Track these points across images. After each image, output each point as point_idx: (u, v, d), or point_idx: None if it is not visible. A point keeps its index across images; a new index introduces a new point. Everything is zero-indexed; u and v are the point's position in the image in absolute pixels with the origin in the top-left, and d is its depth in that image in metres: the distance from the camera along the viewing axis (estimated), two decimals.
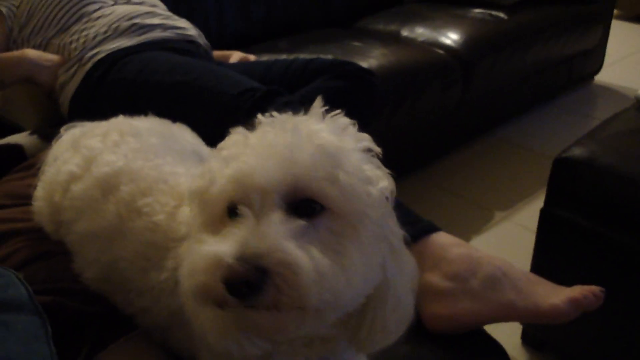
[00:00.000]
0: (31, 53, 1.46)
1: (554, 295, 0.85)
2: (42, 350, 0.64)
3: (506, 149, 2.52)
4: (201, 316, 0.58)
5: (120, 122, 0.92)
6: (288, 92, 1.29)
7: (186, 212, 0.71)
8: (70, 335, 0.77)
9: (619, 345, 1.31)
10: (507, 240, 1.95)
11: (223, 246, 0.50)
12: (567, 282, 0.88)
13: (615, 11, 3.00)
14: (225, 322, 0.55)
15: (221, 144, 0.60)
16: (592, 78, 3.05)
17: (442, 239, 0.93)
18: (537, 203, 2.10)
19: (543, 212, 1.32)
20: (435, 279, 0.89)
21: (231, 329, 0.55)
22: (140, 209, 0.75)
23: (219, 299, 0.50)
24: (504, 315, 0.85)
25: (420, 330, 0.89)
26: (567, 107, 2.85)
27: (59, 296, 0.80)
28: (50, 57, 1.47)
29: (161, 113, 0.97)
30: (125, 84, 1.36)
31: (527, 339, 1.54)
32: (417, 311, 0.81)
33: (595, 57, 2.94)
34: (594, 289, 0.85)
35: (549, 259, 1.33)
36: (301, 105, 0.63)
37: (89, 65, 1.41)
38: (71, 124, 1.00)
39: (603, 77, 3.05)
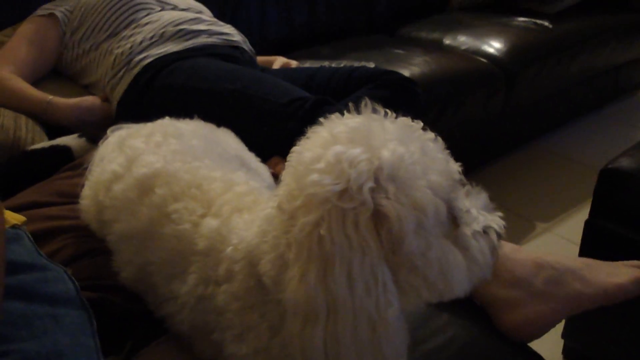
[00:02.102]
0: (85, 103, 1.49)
1: (616, 276, 0.88)
2: (87, 343, 0.65)
3: (549, 159, 2.47)
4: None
5: (165, 124, 0.94)
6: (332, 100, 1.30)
7: (212, 224, 0.71)
8: (115, 330, 0.79)
9: None
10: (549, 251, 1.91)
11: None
12: None
13: None
14: None
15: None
16: (639, 88, 2.97)
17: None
18: (580, 215, 2.06)
19: (588, 224, 1.29)
20: (499, 290, 0.89)
21: None
22: (169, 214, 0.75)
23: None
24: (576, 306, 0.87)
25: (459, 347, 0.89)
26: (613, 117, 2.78)
27: (103, 292, 0.82)
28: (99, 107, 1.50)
29: (209, 120, 0.99)
30: (173, 90, 1.39)
31: (569, 353, 1.50)
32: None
33: None
34: None
35: None
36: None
37: (137, 69, 1.44)
38: (118, 126, 1.02)
39: None
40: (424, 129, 0.64)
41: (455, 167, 0.62)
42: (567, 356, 1.50)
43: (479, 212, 0.65)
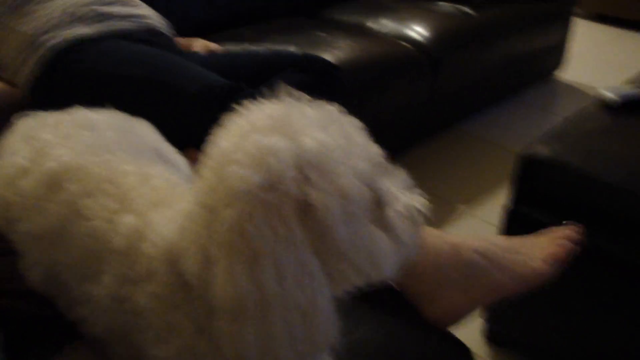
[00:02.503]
0: None
1: (533, 258, 0.88)
2: None
3: (470, 143, 2.55)
4: None
5: (76, 114, 0.88)
6: (252, 85, 1.26)
7: (128, 220, 0.67)
8: (22, 338, 0.74)
9: (580, 340, 1.33)
10: (469, 234, 1.96)
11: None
12: None
13: (577, 9, 3.05)
14: None
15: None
16: (553, 74, 3.10)
17: None
18: (499, 198, 2.13)
19: (508, 211, 1.33)
20: (418, 282, 0.90)
21: None
22: (81, 211, 0.71)
23: None
24: (495, 295, 0.88)
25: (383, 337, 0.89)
26: (529, 102, 2.89)
27: (10, 299, 0.76)
28: None
29: (118, 108, 0.93)
30: (81, 75, 1.30)
31: (490, 335, 1.55)
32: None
33: (557, 53, 2.98)
34: (568, 232, 0.89)
35: None
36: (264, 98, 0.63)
37: (41, 51, 1.34)
38: (24, 114, 0.95)
39: (564, 73, 3.10)
40: (342, 112, 0.62)
41: (376, 149, 0.62)
42: (488, 338, 1.55)
43: (401, 192, 0.65)
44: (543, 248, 0.89)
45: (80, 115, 0.87)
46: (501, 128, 2.65)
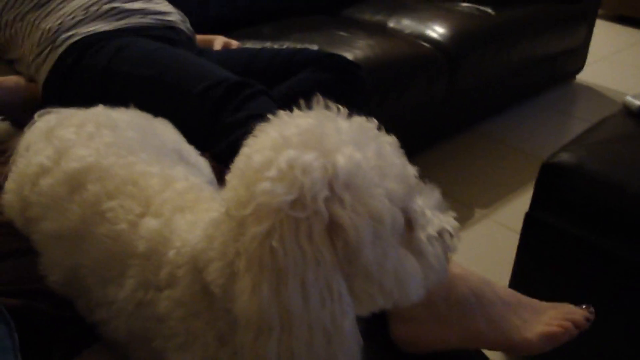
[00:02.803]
0: None
1: (530, 326, 0.81)
2: None
3: (488, 145, 2.51)
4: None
5: (98, 113, 0.87)
6: (272, 83, 1.25)
7: (152, 224, 0.67)
8: (41, 340, 0.73)
9: (598, 349, 1.31)
10: (487, 239, 1.94)
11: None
12: (549, 287, 0.85)
13: (599, 11, 3.00)
14: None
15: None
16: (574, 77, 3.06)
17: None
18: (517, 202, 2.11)
19: (528, 217, 1.31)
20: None
21: None
22: (103, 213, 0.70)
23: None
24: (472, 343, 0.82)
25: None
26: (549, 105, 2.85)
27: (29, 299, 0.75)
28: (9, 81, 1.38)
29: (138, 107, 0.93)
30: (97, 71, 1.29)
31: None
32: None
33: (578, 55, 2.94)
34: (577, 316, 0.82)
35: (532, 263, 1.32)
36: (287, 97, 0.61)
37: (62, 48, 1.34)
38: (46, 110, 0.95)
39: (585, 76, 3.06)
40: (379, 128, 0.61)
41: (412, 171, 0.60)
42: None
43: (433, 214, 0.64)
44: (544, 323, 0.82)
45: (102, 114, 0.86)
46: (520, 130, 2.62)
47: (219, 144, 1.08)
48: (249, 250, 0.53)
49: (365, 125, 0.60)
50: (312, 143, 0.55)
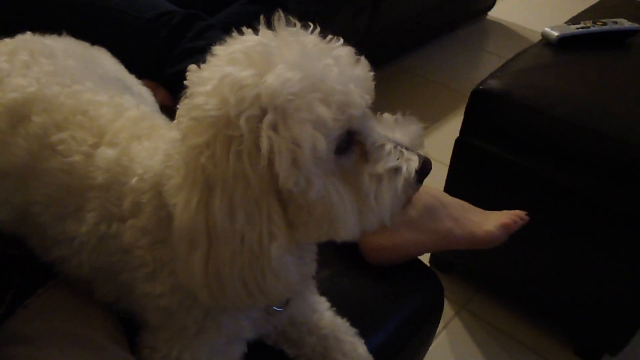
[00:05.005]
0: None
1: (487, 222, 0.90)
2: None
3: (408, 78, 2.57)
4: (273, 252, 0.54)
5: (30, 40, 0.81)
6: (207, 15, 1.20)
7: (109, 154, 0.64)
8: None
9: (517, 266, 1.42)
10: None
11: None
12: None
13: None
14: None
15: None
16: (486, 14, 3.15)
17: None
18: (441, 133, 2.19)
19: (458, 142, 1.36)
20: None
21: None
22: (54, 145, 0.66)
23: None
24: (444, 243, 0.88)
25: (357, 264, 0.90)
26: (464, 40, 2.93)
27: None
28: None
29: (72, 35, 0.87)
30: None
31: (436, 262, 1.62)
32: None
33: None
34: (520, 213, 0.91)
35: (461, 186, 1.39)
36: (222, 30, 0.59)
37: None
38: None
39: (496, 13, 3.16)
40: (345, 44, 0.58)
41: (361, 97, 0.56)
42: (434, 265, 1.63)
43: (397, 149, 0.59)
44: (495, 219, 0.90)
45: (34, 41, 0.80)
46: (438, 65, 2.69)
47: (173, 69, 1.05)
48: (185, 164, 0.53)
49: (330, 41, 0.57)
50: (256, 61, 0.53)
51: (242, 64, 0.53)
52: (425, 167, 0.60)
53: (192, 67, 0.57)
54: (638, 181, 1.13)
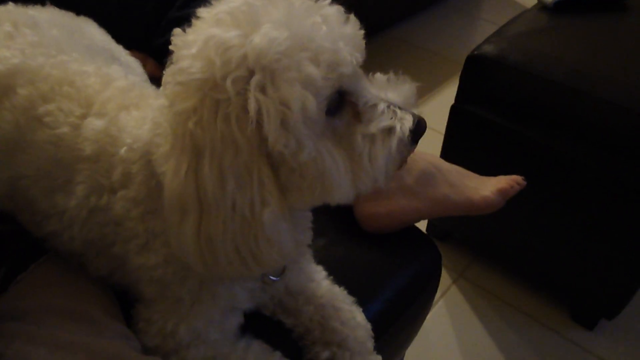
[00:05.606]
0: None
1: (483, 187, 0.89)
2: None
3: (399, 47, 2.54)
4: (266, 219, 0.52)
5: (12, 11, 0.79)
6: None
7: (97, 125, 0.62)
8: None
9: (514, 233, 1.41)
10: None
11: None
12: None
13: None
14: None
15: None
16: None
17: None
18: (435, 101, 2.17)
19: (454, 108, 1.35)
20: None
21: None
22: (40, 117, 0.65)
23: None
24: (441, 209, 0.87)
25: (353, 232, 0.90)
26: (457, 8, 2.89)
27: None
28: None
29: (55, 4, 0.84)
30: None
31: (433, 230, 1.62)
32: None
33: None
34: (517, 178, 0.90)
35: (457, 152, 1.38)
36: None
37: None
38: None
39: None
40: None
41: (351, 55, 0.54)
42: (431, 233, 1.62)
43: (391, 109, 0.58)
44: (492, 185, 0.89)
45: (17, 12, 0.78)
46: (431, 33, 2.66)
47: (162, 39, 1.03)
48: (172, 131, 0.52)
49: (309, 3, 0.55)
50: (242, 22, 0.52)
51: (228, 25, 0.52)
52: (419, 127, 0.58)
53: (177, 30, 0.55)
54: (634, 146, 1.12)
